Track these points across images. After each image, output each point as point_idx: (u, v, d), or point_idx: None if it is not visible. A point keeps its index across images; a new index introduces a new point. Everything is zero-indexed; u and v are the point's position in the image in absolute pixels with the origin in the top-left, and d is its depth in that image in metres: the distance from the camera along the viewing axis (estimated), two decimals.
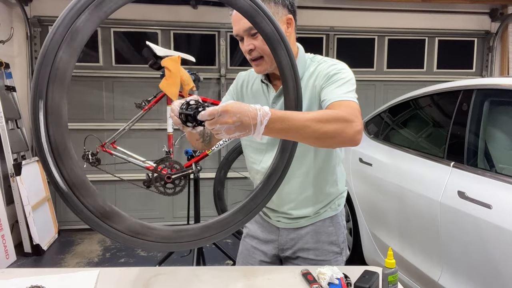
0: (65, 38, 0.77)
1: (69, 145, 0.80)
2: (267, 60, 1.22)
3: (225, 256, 2.95)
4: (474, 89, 2.03)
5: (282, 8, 1.23)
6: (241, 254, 1.47)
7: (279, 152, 1.11)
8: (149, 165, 2.80)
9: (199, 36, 4.21)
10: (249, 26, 1.15)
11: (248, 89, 1.38)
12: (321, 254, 1.34)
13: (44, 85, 0.76)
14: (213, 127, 0.87)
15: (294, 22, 1.26)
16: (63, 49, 0.77)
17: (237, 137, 0.91)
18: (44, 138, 0.77)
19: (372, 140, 2.98)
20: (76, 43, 0.78)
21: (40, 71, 0.76)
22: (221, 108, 0.85)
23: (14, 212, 3.37)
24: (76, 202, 0.83)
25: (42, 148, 0.78)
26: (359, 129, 1.01)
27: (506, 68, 4.48)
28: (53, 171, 0.79)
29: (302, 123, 0.95)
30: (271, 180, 1.11)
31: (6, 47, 3.72)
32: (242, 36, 1.22)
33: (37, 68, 0.77)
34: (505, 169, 1.83)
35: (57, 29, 0.77)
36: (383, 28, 4.41)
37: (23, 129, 3.81)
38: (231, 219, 1.06)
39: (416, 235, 2.19)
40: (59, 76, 0.77)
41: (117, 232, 0.89)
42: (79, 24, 0.78)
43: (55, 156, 0.78)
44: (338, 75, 1.19)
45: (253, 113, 0.88)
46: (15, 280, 1.13)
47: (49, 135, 0.77)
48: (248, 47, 1.20)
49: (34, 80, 0.77)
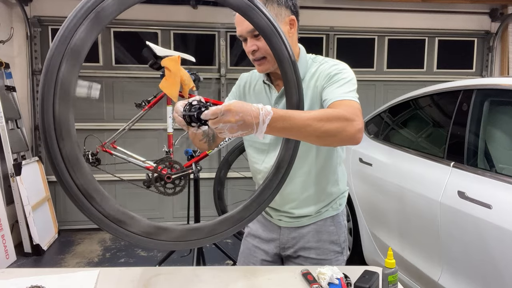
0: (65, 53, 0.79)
1: (81, 157, 0.82)
2: (269, 60, 1.23)
3: (225, 256, 2.95)
4: (474, 89, 2.03)
5: (285, 9, 1.24)
6: (243, 253, 1.47)
7: (284, 143, 1.12)
8: (149, 165, 2.80)
9: (199, 36, 4.21)
10: (252, 27, 1.16)
11: (250, 90, 1.39)
12: (322, 253, 1.35)
13: (51, 101, 0.78)
14: (216, 126, 0.88)
15: (297, 23, 1.27)
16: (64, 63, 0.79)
17: (240, 136, 0.93)
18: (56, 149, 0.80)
19: (372, 140, 2.98)
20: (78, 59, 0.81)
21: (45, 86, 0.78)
22: (224, 107, 0.87)
23: (14, 212, 3.37)
24: (89, 207, 0.85)
25: (52, 159, 0.80)
26: (360, 127, 1.02)
27: (506, 68, 4.48)
28: (67, 180, 0.81)
29: (304, 121, 0.96)
30: (278, 172, 1.13)
31: (6, 47, 3.73)
32: (245, 37, 1.23)
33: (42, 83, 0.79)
34: (505, 169, 1.83)
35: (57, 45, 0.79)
36: (383, 28, 4.41)
37: (23, 129, 3.81)
38: (241, 215, 1.08)
39: (416, 235, 2.19)
40: (64, 91, 0.79)
41: (133, 234, 0.91)
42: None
43: (68, 169, 0.81)
44: (339, 75, 1.20)
45: (255, 112, 0.89)
46: (15, 280, 1.13)
47: (59, 147, 0.79)
48: (252, 48, 1.21)
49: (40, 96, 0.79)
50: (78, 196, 0.83)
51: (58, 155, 0.79)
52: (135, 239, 0.91)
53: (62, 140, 0.79)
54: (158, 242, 0.94)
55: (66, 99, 0.79)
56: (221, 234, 1.05)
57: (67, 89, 0.79)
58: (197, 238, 1.02)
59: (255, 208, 1.11)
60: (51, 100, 0.78)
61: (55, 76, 0.78)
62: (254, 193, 1.12)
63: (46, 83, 0.78)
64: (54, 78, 0.78)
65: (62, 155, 0.80)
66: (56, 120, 0.78)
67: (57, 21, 3.95)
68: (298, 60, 1.28)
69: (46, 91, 0.78)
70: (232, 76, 4.20)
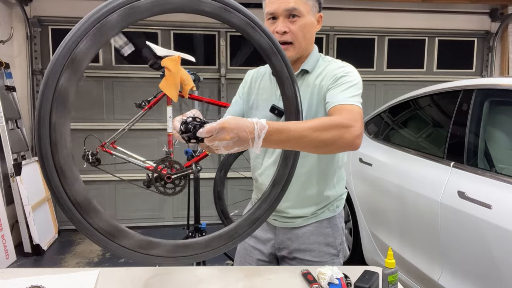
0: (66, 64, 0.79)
1: (75, 169, 0.82)
2: (296, 46, 1.24)
3: (225, 256, 2.95)
4: (474, 89, 2.03)
5: (318, 5, 1.28)
6: (239, 253, 1.47)
7: (282, 160, 1.13)
8: (149, 165, 2.79)
9: (199, 36, 4.20)
10: (291, 6, 1.18)
11: (257, 85, 1.40)
12: (317, 256, 1.34)
13: (48, 111, 0.78)
14: (212, 144, 0.89)
15: None
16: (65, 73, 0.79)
17: (237, 152, 0.93)
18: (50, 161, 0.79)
19: (372, 140, 2.98)
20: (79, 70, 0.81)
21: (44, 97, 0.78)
22: (218, 125, 0.88)
23: (14, 212, 3.37)
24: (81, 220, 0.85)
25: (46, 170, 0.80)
26: (358, 133, 1.02)
27: (506, 68, 4.48)
28: (59, 191, 0.81)
29: (300, 133, 0.96)
30: (275, 189, 1.13)
31: (6, 47, 3.73)
32: (278, 15, 1.22)
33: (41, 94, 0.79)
34: (505, 169, 1.83)
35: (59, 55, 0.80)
36: (383, 28, 4.41)
37: (23, 129, 3.81)
38: (235, 231, 1.08)
39: (416, 235, 2.19)
40: (62, 100, 0.79)
41: (125, 249, 0.91)
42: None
43: (61, 181, 0.80)
44: (345, 77, 1.20)
45: (250, 127, 0.90)
46: (15, 280, 1.13)
47: (53, 159, 0.79)
48: (284, 29, 1.22)
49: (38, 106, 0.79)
50: (69, 208, 0.82)
51: (51, 164, 0.79)
52: (126, 253, 0.91)
53: (56, 149, 0.79)
54: (149, 257, 0.94)
55: (64, 108, 0.79)
56: (213, 251, 1.05)
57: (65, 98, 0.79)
58: (189, 255, 1.01)
59: (249, 227, 1.11)
60: (48, 108, 0.77)
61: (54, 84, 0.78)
62: (249, 211, 1.12)
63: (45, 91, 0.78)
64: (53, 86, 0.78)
65: (55, 165, 0.79)
66: (51, 129, 0.78)
67: (57, 21, 3.95)
68: (310, 55, 1.30)
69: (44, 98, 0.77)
70: (232, 76, 4.20)
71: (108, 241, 0.88)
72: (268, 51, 1.03)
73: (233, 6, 0.95)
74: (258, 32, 1.00)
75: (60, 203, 0.82)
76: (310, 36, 1.27)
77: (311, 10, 1.25)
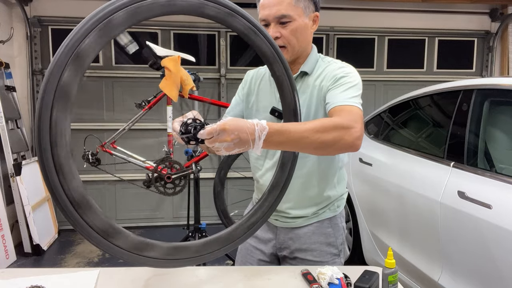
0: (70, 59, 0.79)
1: (73, 166, 0.82)
2: (289, 49, 1.25)
3: (225, 256, 2.94)
4: (474, 89, 2.03)
5: (312, 4, 1.27)
6: (240, 253, 1.47)
7: (279, 166, 1.13)
8: (149, 165, 2.79)
9: (199, 36, 4.21)
10: (281, 13, 1.18)
11: (256, 86, 1.40)
12: (319, 255, 1.34)
13: (49, 106, 0.78)
14: (213, 145, 0.89)
15: None
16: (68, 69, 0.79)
17: (237, 153, 0.93)
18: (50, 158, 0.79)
19: (372, 140, 2.98)
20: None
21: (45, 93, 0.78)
22: (219, 127, 0.88)
23: (14, 212, 3.37)
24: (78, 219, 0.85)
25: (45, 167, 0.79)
26: (358, 135, 1.02)
27: (506, 68, 4.48)
28: (56, 187, 0.81)
29: (300, 134, 0.96)
30: (271, 195, 1.13)
31: (6, 47, 3.73)
32: (269, 22, 1.23)
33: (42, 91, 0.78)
34: (505, 169, 1.83)
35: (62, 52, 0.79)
36: (383, 28, 4.41)
37: (23, 129, 3.81)
38: (231, 235, 1.08)
39: (416, 235, 2.19)
40: (63, 96, 0.79)
41: (120, 249, 0.90)
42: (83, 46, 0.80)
43: (59, 177, 0.80)
44: (345, 78, 1.20)
45: (250, 128, 0.90)
46: (15, 280, 1.13)
47: (53, 154, 0.79)
48: (275, 35, 1.22)
49: (39, 103, 0.79)
50: (66, 204, 0.82)
51: (49, 160, 0.79)
52: (120, 253, 0.90)
53: (55, 145, 0.78)
54: (145, 259, 0.93)
55: (65, 104, 0.79)
56: (209, 254, 1.04)
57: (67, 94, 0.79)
58: (184, 258, 1.00)
59: (245, 231, 1.11)
60: (50, 102, 0.77)
61: (57, 80, 0.77)
62: (246, 215, 1.13)
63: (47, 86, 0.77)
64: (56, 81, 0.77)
65: (54, 161, 0.79)
66: (52, 125, 0.78)
67: (57, 21, 3.95)
68: (309, 56, 1.30)
69: (46, 92, 0.77)
70: (232, 77, 4.20)
71: (103, 240, 0.87)
72: (269, 58, 1.03)
73: (237, 12, 0.96)
74: (261, 38, 1.01)
75: (56, 199, 0.81)
76: (304, 38, 1.27)
77: (303, 12, 1.24)
